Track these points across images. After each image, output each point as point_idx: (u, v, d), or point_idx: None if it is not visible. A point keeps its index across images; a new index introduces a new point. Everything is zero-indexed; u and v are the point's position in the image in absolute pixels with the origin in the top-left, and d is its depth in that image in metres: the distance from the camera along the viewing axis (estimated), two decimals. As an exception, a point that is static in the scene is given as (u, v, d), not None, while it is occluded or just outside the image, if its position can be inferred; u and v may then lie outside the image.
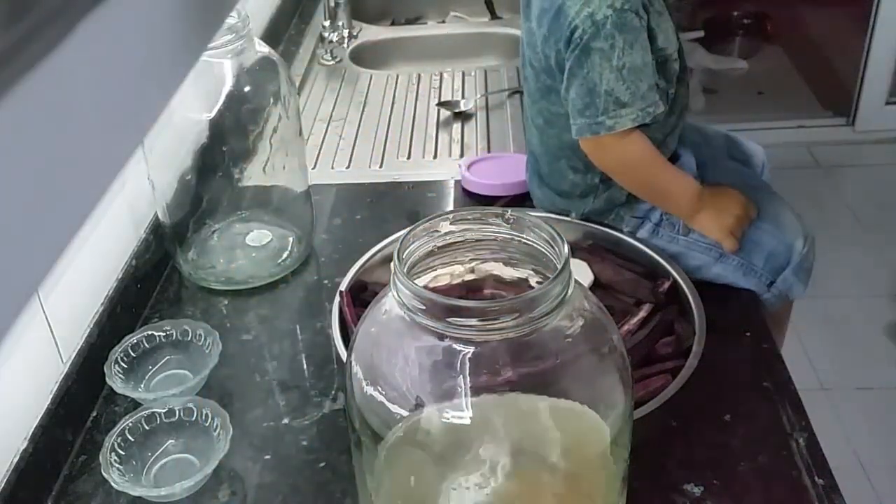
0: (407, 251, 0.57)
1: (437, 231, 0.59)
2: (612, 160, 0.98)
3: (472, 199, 1.22)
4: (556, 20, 0.95)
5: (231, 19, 0.97)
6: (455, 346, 0.53)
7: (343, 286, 0.95)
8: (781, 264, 1.01)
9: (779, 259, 1.01)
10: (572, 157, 1.02)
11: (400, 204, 1.24)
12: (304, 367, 0.96)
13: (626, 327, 0.88)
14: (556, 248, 0.54)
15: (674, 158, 1.05)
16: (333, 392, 0.91)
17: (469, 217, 0.59)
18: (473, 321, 0.51)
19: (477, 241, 0.60)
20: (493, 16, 1.98)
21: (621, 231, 1.02)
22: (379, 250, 1.00)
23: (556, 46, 0.96)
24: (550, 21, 0.96)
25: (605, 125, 0.93)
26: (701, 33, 2.93)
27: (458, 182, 1.26)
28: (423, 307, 0.52)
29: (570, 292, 0.52)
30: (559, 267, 0.52)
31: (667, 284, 0.92)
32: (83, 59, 0.21)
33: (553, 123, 1.03)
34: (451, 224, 0.59)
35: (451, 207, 1.23)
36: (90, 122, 0.22)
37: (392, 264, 0.55)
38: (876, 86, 2.75)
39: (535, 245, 0.57)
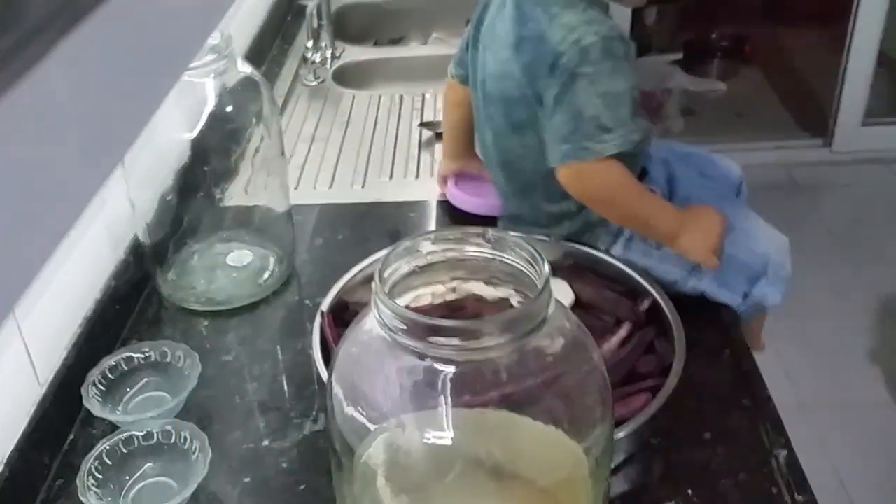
0: (388, 271, 0.57)
1: (418, 251, 0.59)
2: (592, 189, 0.98)
3: (458, 216, 1.21)
4: (539, 46, 0.96)
5: (213, 39, 0.98)
6: (436, 366, 0.52)
7: (324, 306, 0.95)
8: (756, 275, 1.02)
9: (754, 270, 1.02)
10: (546, 189, 1.02)
11: (382, 223, 1.24)
12: (285, 388, 0.96)
13: (606, 346, 0.88)
14: (537, 268, 0.54)
15: (642, 173, 1.06)
16: (314, 413, 0.91)
17: (450, 237, 0.60)
18: (454, 341, 0.51)
19: (458, 260, 0.60)
20: (475, 37, 1.99)
21: (600, 250, 1.02)
22: (360, 270, 1.00)
23: (538, 73, 0.96)
24: (534, 47, 0.96)
25: (592, 150, 0.93)
26: (680, 55, 2.97)
27: (440, 202, 1.27)
28: (404, 327, 0.52)
29: (550, 312, 0.52)
30: (539, 287, 0.52)
31: (646, 303, 0.92)
32: (63, 78, 0.21)
33: (525, 157, 1.02)
34: (432, 244, 0.59)
35: (433, 227, 1.24)
36: (68, 141, 0.22)
37: (373, 284, 0.55)
38: (852, 107, 2.79)
39: (515, 265, 0.57)
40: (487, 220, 1.17)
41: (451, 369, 0.52)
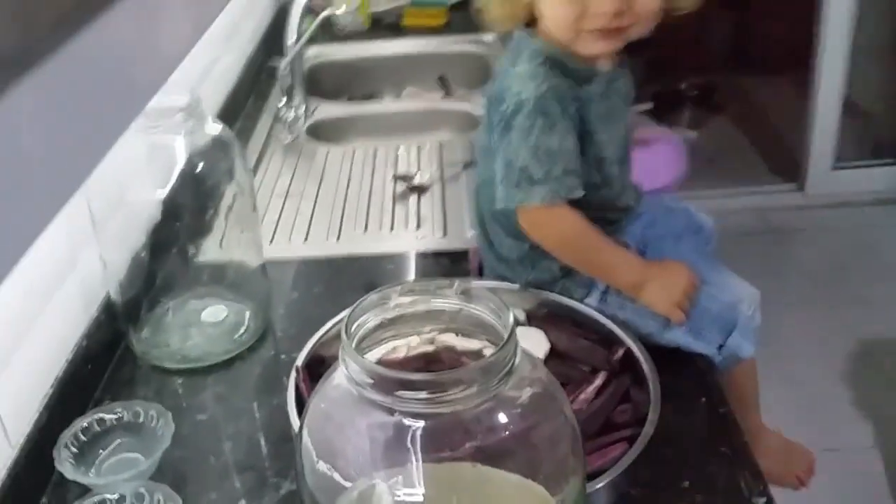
0: (356, 325, 0.57)
1: (386, 303, 0.59)
2: (544, 234, 1.00)
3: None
4: (498, 81, 1.01)
5: (183, 99, 0.98)
6: (405, 420, 0.52)
7: (299, 361, 0.94)
8: (729, 326, 1.02)
9: (726, 321, 1.02)
10: (504, 223, 1.05)
11: (357, 277, 1.24)
12: (262, 446, 0.94)
13: (583, 396, 0.88)
14: (503, 319, 0.55)
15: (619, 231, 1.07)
16: (291, 472, 0.89)
17: (417, 289, 0.60)
18: (422, 394, 0.51)
19: (427, 312, 0.60)
20: (447, 92, 2.02)
21: (575, 298, 1.02)
22: (335, 324, 1.00)
23: (492, 104, 1.01)
24: (497, 81, 1.02)
25: (517, 198, 0.97)
26: (650, 105, 3.02)
27: (417, 254, 1.27)
28: (372, 381, 0.52)
29: (517, 362, 0.52)
30: (505, 337, 0.52)
31: (621, 352, 0.92)
32: (28, 108, 0.22)
33: (488, 185, 1.05)
34: (399, 296, 0.59)
35: (410, 279, 1.24)
36: (30, 167, 0.22)
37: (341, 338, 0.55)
38: (822, 152, 2.84)
39: (483, 316, 0.57)
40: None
41: (420, 423, 0.52)
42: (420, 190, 1.47)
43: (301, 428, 0.59)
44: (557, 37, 0.96)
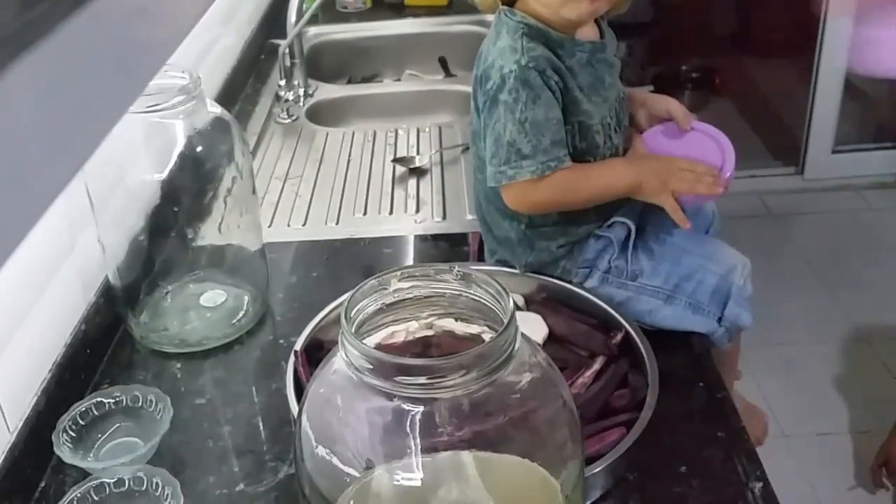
0: (355, 310, 0.57)
1: (385, 289, 0.59)
2: (532, 203, 1.00)
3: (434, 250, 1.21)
4: (482, 61, 1.01)
5: (182, 80, 0.98)
6: (404, 405, 0.52)
7: (298, 346, 0.94)
8: (724, 298, 1.03)
9: (721, 293, 1.03)
10: (498, 204, 1.04)
11: (356, 260, 1.24)
12: (260, 430, 0.95)
13: (581, 380, 0.88)
14: (502, 304, 0.54)
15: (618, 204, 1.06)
16: (290, 456, 0.90)
17: (417, 273, 0.60)
18: (422, 379, 0.51)
19: (426, 297, 0.60)
20: (447, 73, 2.01)
21: (573, 283, 1.02)
22: (334, 308, 0.99)
23: (477, 85, 1.01)
24: (480, 61, 1.01)
25: (507, 175, 0.97)
26: (650, 88, 3.01)
27: (416, 237, 1.27)
28: (371, 366, 0.52)
29: (516, 347, 0.52)
30: (505, 322, 0.52)
31: (619, 336, 0.92)
32: (24, 89, 0.21)
33: (480, 168, 1.05)
34: (399, 281, 0.59)
35: (409, 262, 1.23)
36: (27, 150, 0.22)
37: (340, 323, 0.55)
38: (822, 135, 2.83)
39: (482, 301, 0.57)
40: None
41: (419, 409, 0.52)
42: (419, 173, 1.46)
43: (300, 413, 0.59)
44: (546, 1, 0.97)
